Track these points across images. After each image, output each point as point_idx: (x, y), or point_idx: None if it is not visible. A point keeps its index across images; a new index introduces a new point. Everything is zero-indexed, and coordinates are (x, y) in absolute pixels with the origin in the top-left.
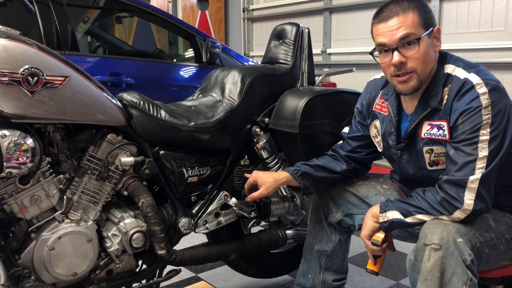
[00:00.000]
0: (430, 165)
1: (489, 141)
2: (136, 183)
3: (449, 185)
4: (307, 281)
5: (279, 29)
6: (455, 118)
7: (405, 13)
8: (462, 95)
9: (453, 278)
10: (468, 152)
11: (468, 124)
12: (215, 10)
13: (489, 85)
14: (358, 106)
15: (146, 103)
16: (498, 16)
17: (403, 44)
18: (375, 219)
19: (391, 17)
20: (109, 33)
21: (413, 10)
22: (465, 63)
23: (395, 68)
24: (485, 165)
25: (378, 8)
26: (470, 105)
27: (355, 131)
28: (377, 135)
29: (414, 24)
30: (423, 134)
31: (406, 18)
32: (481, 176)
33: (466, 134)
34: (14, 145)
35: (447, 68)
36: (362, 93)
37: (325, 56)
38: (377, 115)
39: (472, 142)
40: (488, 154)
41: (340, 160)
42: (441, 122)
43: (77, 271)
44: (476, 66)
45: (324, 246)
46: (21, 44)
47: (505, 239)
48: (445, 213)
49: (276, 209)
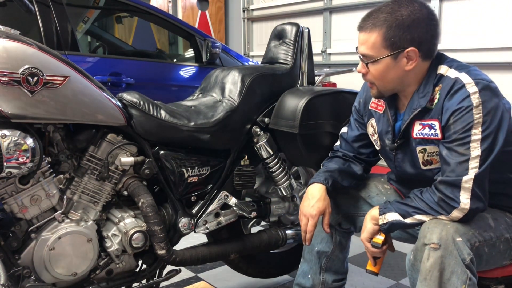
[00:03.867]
0: (424, 164)
1: (481, 141)
2: (136, 183)
3: (444, 186)
4: (307, 281)
5: (279, 29)
6: (446, 118)
7: (371, 31)
8: (452, 94)
9: (452, 278)
10: (460, 152)
11: (459, 124)
12: (215, 10)
13: (479, 84)
14: (356, 104)
15: (146, 103)
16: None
17: (364, 58)
18: (375, 221)
19: (362, 30)
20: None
21: (380, 30)
22: (457, 64)
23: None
24: (478, 164)
25: (367, 12)
26: (461, 105)
27: (354, 130)
28: (374, 133)
29: (374, 46)
30: (415, 134)
31: (370, 38)
32: (475, 175)
33: (458, 133)
34: (14, 145)
35: (440, 69)
36: (360, 91)
37: (325, 56)
38: (373, 113)
39: (464, 142)
40: (480, 153)
41: (352, 161)
42: (433, 122)
43: (77, 271)
44: (468, 67)
45: (325, 247)
46: (21, 44)
47: (504, 238)
48: (443, 213)
49: (276, 209)
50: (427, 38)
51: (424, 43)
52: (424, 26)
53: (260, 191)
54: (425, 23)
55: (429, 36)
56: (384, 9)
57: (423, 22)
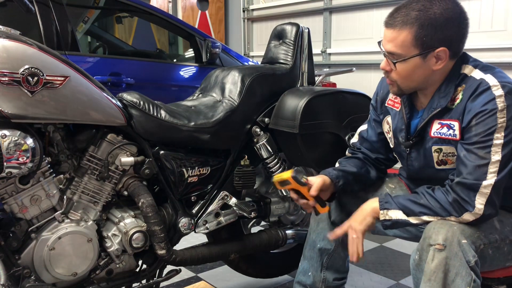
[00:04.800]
0: (438, 164)
1: (502, 145)
2: (136, 183)
3: (461, 188)
4: (308, 279)
5: (279, 29)
6: (468, 119)
7: (401, 29)
8: (477, 95)
9: (456, 279)
10: (480, 155)
11: (482, 127)
12: (215, 10)
13: (505, 88)
14: (373, 102)
15: (146, 103)
16: (498, 16)
17: (390, 56)
18: (376, 214)
19: (390, 27)
20: (109, 33)
21: (411, 28)
22: (483, 64)
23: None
24: (497, 169)
25: (395, 7)
26: (485, 107)
27: (374, 128)
28: (389, 131)
29: (404, 44)
30: (432, 133)
31: (399, 35)
32: (495, 181)
33: (480, 136)
34: (14, 145)
35: (465, 69)
36: (376, 89)
37: (325, 56)
38: (389, 110)
39: (486, 145)
40: (501, 158)
41: (370, 166)
42: (452, 122)
43: (77, 271)
44: (493, 68)
45: (327, 245)
46: (21, 44)
47: (509, 240)
48: (454, 214)
49: (276, 209)
50: (458, 38)
51: (454, 43)
52: (457, 25)
53: (260, 191)
54: (457, 22)
55: (460, 36)
56: (415, 5)
57: (455, 21)
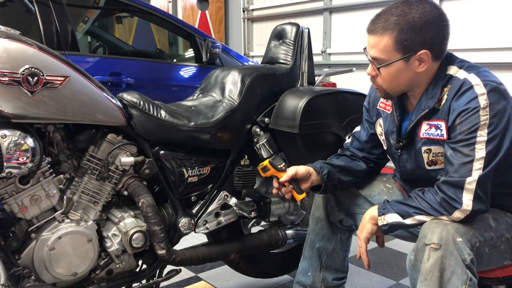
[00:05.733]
0: (428, 164)
1: (486, 142)
2: (136, 183)
3: (447, 186)
4: (307, 279)
5: (279, 29)
6: (453, 118)
7: (382, 34)
8: (460, 95)
9: (452, 278)
10: (465, 153)
11: (465, 125)
12: (215, 10)
13: (488, 86)
14: (365, 104)
15: (146, 103)
16: (498, 16)
17: (375, 62)
18: (374, 221)
19: (372, 33)
20: (109, 33)
21: (391, 33)
22: (468, 64)
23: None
24: (482, 166)
25: (376, 14)
26: (468, 106)
27: (366, 130)
28: (381, 133)
29: (386, 49)
30: (421, 134)
31: (381, 41)
32: (478, 177)
33: (464, 134)
34: (14, 145)
35: (450, 70)
36: (369, 91)
37: (325, 56)
38: (381, 113)
39: (470, 143)
40: (485, 155)
41: (359, 161)
42: (439, 122)
43: (77, 271)
44: (478, 68)
45: (326, 244)
46: (21, 44)
47: (505, 238)
48: (445, 214)
49: (276, 209)
50: (438, 40)
51: (435, 45)
52: (436, 28)
53: (260, 191)
54: (436, 24)
55: (441, 37)
56: (394, 11)
57: (434, 24)
